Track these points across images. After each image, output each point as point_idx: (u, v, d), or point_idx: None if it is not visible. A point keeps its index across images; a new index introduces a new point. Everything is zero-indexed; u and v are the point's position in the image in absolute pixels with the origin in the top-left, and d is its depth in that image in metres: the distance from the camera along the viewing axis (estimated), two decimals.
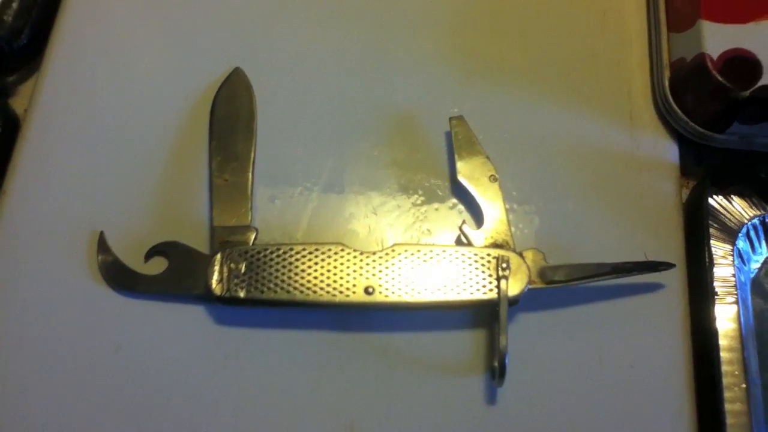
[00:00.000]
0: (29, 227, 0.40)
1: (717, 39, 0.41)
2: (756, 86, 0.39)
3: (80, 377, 0.37)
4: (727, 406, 0.38)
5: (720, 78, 0.40)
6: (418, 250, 0.38)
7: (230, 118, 0.42)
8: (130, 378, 0.38)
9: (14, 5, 0.45)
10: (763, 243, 0.43)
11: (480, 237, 0.39)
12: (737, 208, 0.43)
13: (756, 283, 0.43)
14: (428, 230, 0.42)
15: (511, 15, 0.48)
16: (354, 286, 0.37)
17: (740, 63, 0.40)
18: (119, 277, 0.39)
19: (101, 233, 0.39)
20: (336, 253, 0.37)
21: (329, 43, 0.46)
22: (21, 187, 0.41)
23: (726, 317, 0.40)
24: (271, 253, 0.37)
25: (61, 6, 0.46)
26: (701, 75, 0.41)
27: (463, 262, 0.38)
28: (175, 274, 0.38)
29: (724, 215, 0.43)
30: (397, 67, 0.46)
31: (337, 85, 0.45)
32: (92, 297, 0.39)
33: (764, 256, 0.44)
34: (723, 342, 0.39)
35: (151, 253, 0.39)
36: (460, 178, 0.41)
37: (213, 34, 0.46)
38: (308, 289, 0.37)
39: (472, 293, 0.37)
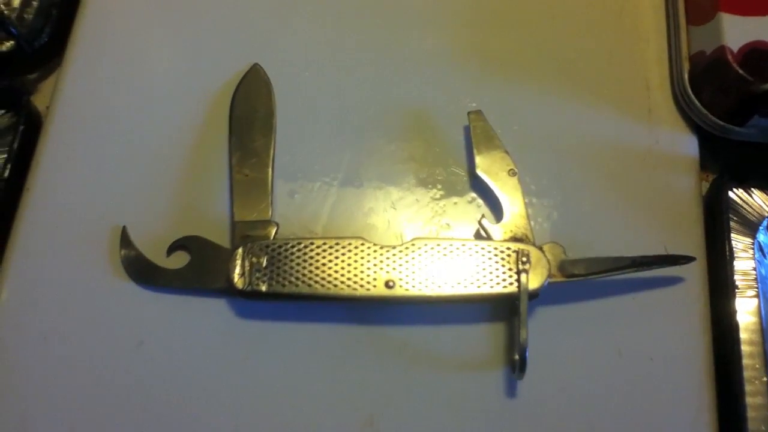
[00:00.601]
0: (52, 223, 0.41)
1: (737, 31, 0.40)
2: None
3: (103, 371, 0.38)
4: (748, 400, 0.38)
5: (740, 71, 0.39)
6: (438, 244, 0.38)
7: (249, 114, 0.43)
8: (153, 371, 0.38)
9: (35, 4, 0.45)
10: None
11: (499, 231, 0.39)
12: (758, 201, 0.43)
13: None
14: (447, 224, 0.42)
15: (527, 9, 0.48)
16: (375, 280, 0.37)
17: (760, 55, 0.40)
18: (142, 271, 0.39)
19: (124, 228, 0.40)
20: (356, 248, 0.38)
21: (346, 39, 0.46)
22: (44, 183, 0.41)
23: (746, 311, 0.40)
24: (292, 247, 0.38)
25: (80, 5, 0.46)
26: (721, 68, 0.40)
27: (483, 255, 0.38)
28: (197, 269, 0.39)
29: (744, 208, 0.42)
30: (414, 62, 0.46)
31: (354, 80, 0.45)
32: (115, 291, 0.39)
33: None
34: (743, 335, 0.39)
35: (173, 248, 0.39)
36: (479, 173, 0.41)
37: (231, 31, 0.46)
38: (329, 283, 0.37)
39: (492, 287, 0.37)
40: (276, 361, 0.38)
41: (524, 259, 0.37)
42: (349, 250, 0.37)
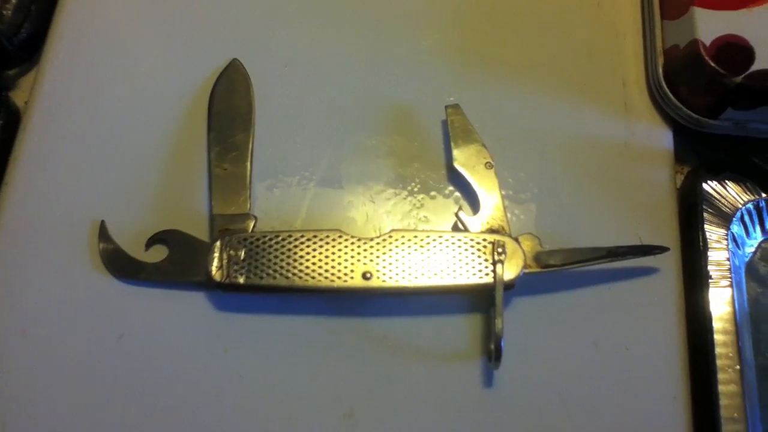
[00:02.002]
0: (31, 218, 0.41)
1: (710, 25, 0.41)
2: (748, 72, 0.40)
3: (83, 365, 0.38)
4: (721, 388, 0.38)
5: (713, 64, 0.40)
6: (415, 236, 0.38)
7: (229, 109, 0.43)
8: (133, 364, 0.38)
9: (13, 1, 0.45)
10: (758, 227, 0.44)
11: (476, 223, 0.40)
12: (731, 193, 0.43)
13: (750, 267, 0.43)
14: (425, 217, 0.42)
15: (506, 5, 0.48)
16: (352, 271, 0.37)
17: (733, 49, 0.40)
18: (120, 265, 0.39)
19: (102, 222, 0.40)
20: (334, 240, 0.38)
21: (326, 34, 0.47)
22: (22, 178, 0.41)
23: (720, 300, 0.41)
24: (270, 240, 0.38)
25: (59, 1, 0.46)
26: (694, 61, 0.41)
27: (460, 247, 0.38)
28: (176, 262, 0.39)
29: (718, 200, 0.43)
30: (394, 58, 0.46)
31: (334, 76, 0.45)
32: (94, 285, 0.39)
33: (758, 241, 0.44)
34: (717, 325, 0.40)
35: (151, 242, 0.40)
36: (456, 166, 0.41)
37: (211, 27, 0.46)
38: (307, 274, 0.37)
39: (468, 278, 0.37)
40: (256, 354, 0.39)
41: (500, 250, 0.38)
42: (327, 242, 0.38)
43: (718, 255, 0.42)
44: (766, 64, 0.40)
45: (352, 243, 0.38)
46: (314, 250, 0.38)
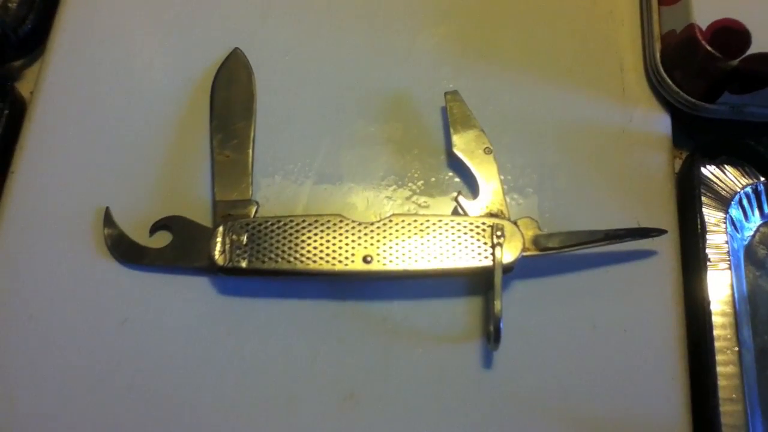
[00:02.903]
0: (37, 205, 0.41)
1: (706, 10, 0.41)
2: (744, 55, 0.40)
3: (88, 348, 0.39)
4: (720, 369, 0.39)
5: (709, 48, 0.40)
6: (415, 220, 0.39)
7: (230, 97, 0.44)
8: (137, 349, 0.39)
9: None
10: (756, 211, 0.44)
11: (475, 207, 0.40)
12: (730, 177, 0.44)
13: (749, 251, 0.44)
14: (425, 203, 0.43)
15: None
16: (353, 255, 0.38)
17: (729, 33, 0.41)
18: (125, 250, 0.40)
19: (107, 208, 0.41)
20: (335, 224, 0.38)
21: (326, 23, 0.47)
22: (28, 166, 0.42)
23: (719, 283, 0.41)
24: (272, 225, 0.38)
25: None
26: (691, 46, 0.41)
27: (459, 230, 0.38)
28: (180, 247, 0.40)
29: (716, 184, 0.43)
30: (392, 47, 0.47)
31: (334, 64, 0.46)
32: (99, 271, 0.40)
33: (757, 224, 0.44)
34: (716, 307, 0.40)
35: (155, 228, 0.40)
36: (456, 151, 0.42)
37: (212, 17, 0.47)
38: (308, 258, 0.38)
39: (468, 261, 0.38)
40: (258, 337, 0.39)
41: (499, 233, 0.38)
42: (328, 227, 0.38)
43: (716, 238, 0.42)
44: (762, 47, 0.40)
45: (353, 227, 0.38)
46: (315, 234, 0.38)
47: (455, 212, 0.41)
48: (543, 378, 0.39)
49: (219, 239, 0.38)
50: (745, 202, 0.43)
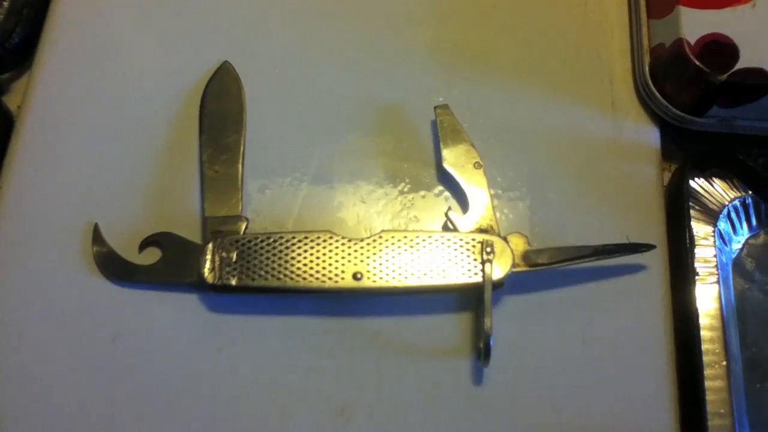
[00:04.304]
0: (26, 220, 0.41)
1: (694, 24, 0.41)
2: (732, 70, 0.40)
3: (78, 366, 0.38)
4: (708, 383, 0.39)
5: (697, 62, 0.40)
6: (405, 236, 0.39)
7: (220, 111, 0.43)
8: (128, 365, 0.39)
9: (5, 5, 0.46)
10: (745, 224, 0.44)
11: (465, 222, 0.40)
12: (718, 190, 0.44)
13: (738, 264, 0.44)
14: (415, 217, 0.43)
15: (494, 4, 0.48)
16: (342, 272, 0.38)
17: (717, 47, 0.41)
18: (114, 267, 0.40)
19: (96, 225, 0.40)
20: (325, 241, 0.38)
21: (315, 36, 0.47)
22: (16, 182, 0.42)
23: (707, 297, 0.41)
24: (262, 241, 0.38)
25: (52, 4, 0.46)
26: (680, 60, 0.41)
27: (449, 247, 0.39)
28: (169, 264, 0.39)
29: (705, 197, 0.44)
30: (383, 59, 0.46)
31: (323, 77, 0.46)
32: (88, 288, 0.40)
33: (745, 237, 0.45)
34: (704, 321, 0.41)
35: (145, 244, 0.40)
36: (446, 166, 0.42)
37: (201, 30, 0.47)
38: (298, 275, 0.38)
39: (457, 277, 0.38)
40: (249, 353, 0.39)
41: (488, 249, 0.38)
42: (318, 243, 0.38)
43: (705, 252, 0.42)
44: (750, 62, 0.40)
45: (343, 244, 0.38)
46: (305, 251, 0.38)
47: (446, 227, 0.41)
48: (534, 392, 0.39)
49: (208, 256, 0.38)
50: (733, 215, 0.44)
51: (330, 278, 0.38)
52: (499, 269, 0.38)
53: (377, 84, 0.46)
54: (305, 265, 0.38)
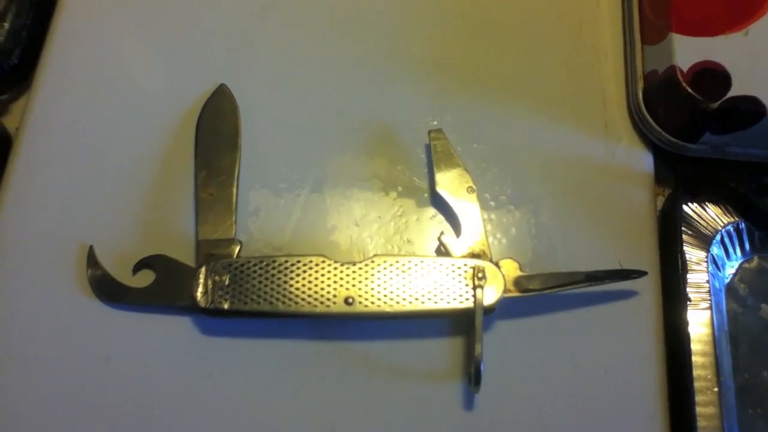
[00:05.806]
0: (21, 242, 0.41)
1: (687, 51, 0.42)
2: (725, 98, 0.40)
3: (71, 387, 0.39)
4: (699, 410, 0.39)
5: (689, 89, 0.41)
6: (397, 261, 0.39)
7: (215, 134, 0.44)
8: (120, 387, 0.39)
9: (5, 26, 0.46)
10: (738, 249, 0.44)
11: (458, 247, 0.40)
12: (711, 215, 0.44)
13: (731, 289, 0.44)
14: (409, 240, 0.43)
15: (488, 28, 0.49)
16: (334, 296, 0.38)
17: (710, 75, 0.41)
18: (108, 289, 0.40)
19: (90, 247, 0.41)
20: (317, 265, 0.39)
21: (311, 59, 0.47)
22: (13, 203, 0.42)
23: (699, 322, 0.41)
24: (254, 265, 0.38)
25: (51, 27, 0.47)
26: (672, 87, 0.42)
27: (441, 272, 0.39)
28: (162, 287, 0.40)
29: (698, 222, 0.44)
30: (377, 81, 0.47)
31: (318, 100, 0.46)
32: (82, 309, 0.40)
33: (739, 262, 0.45)
34: (696, 347, 0.40)
35: (138, 266, 0.40)
36: (439, 190, 0.42)
37: (198, 52, 0.47)
38: (290, 300, 0.38)
39: (449, 302, 0.38)
40: (240, 376, 0.39)
41: (480, 275, 0.38)
42: (310, 268, 0.38)
43: (697, 277, 0.42)
44: (743, 89, 0.40)
45: (335, 268, 0.38)
46: (297, 275, 0.38)
47: (438, 251, 0.42)
48: (525, 418, 0.39)
49: (201, 280, 0.38)
50: (726, 240, 0.44)
51: (322, 302, 0.38)
52: (490, 295, 0.38)
53: (371, 107, 0.46)
54: (297, 289, 0.38)
